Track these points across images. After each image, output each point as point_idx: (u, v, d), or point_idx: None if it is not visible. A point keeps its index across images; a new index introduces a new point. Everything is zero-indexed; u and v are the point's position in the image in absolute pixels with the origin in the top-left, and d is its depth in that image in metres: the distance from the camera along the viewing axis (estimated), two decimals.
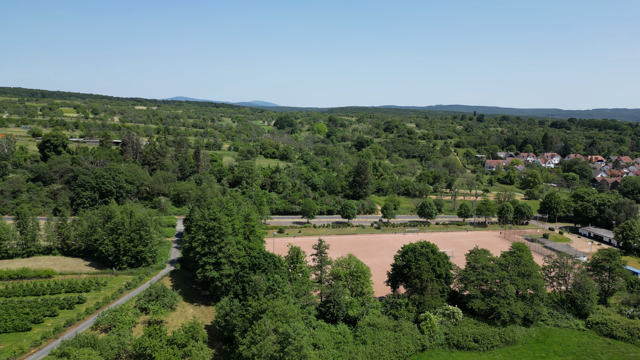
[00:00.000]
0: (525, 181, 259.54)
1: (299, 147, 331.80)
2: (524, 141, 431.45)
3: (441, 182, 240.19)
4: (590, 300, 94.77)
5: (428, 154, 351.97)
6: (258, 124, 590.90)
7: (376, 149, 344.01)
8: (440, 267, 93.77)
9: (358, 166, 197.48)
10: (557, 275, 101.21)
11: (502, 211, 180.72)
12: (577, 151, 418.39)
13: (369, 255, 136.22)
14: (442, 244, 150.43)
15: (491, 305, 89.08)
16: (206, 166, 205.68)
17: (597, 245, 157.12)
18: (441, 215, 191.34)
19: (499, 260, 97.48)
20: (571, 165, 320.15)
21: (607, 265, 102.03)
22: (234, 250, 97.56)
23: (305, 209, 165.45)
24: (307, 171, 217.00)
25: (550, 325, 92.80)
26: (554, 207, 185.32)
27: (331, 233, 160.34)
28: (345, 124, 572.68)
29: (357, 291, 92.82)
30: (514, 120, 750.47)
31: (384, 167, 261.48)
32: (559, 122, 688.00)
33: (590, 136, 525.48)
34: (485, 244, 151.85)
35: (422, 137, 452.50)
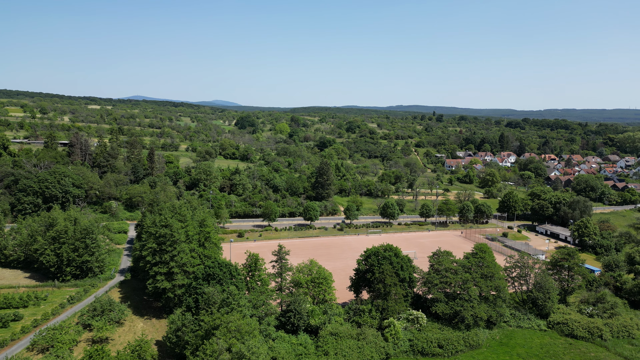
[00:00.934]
0: (484, 180, 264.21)
1: (260, 148, 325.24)
2: (481, 141, 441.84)
3: (403, 182, 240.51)
4: (551, 300, 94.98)
5: (390, 153, 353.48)
6: (218, 124, 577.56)
7: (339, 149, 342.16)
8: (404, 270, 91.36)
9: (320, 167, 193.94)
10: (519, 275, 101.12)
11: (462, 210, 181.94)
12: (532, 150, 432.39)
13: (331, 258, 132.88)
14: (405, 244, 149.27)
15: (455, 309, 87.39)
16: (161, 168, 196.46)
17: (553, 243, 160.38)
18: (403, 216, 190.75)
19: (462, 262, 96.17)
20: (527, 164, 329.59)
21: (566, 264, 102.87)
22: (188, 258, 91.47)
23: (266, 212, 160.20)
24: (268, 172, 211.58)
25: (513, 327, 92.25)
26: (512, 205, 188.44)
27: (293, 236, 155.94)
28: (307, 124, 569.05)
29: (319, 298, 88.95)
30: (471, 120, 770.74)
31: (346, 167, 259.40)
32: (513, 122, 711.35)
33: (544, 135, 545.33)
34: (447, 244, 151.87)
35: (383, 137, 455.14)
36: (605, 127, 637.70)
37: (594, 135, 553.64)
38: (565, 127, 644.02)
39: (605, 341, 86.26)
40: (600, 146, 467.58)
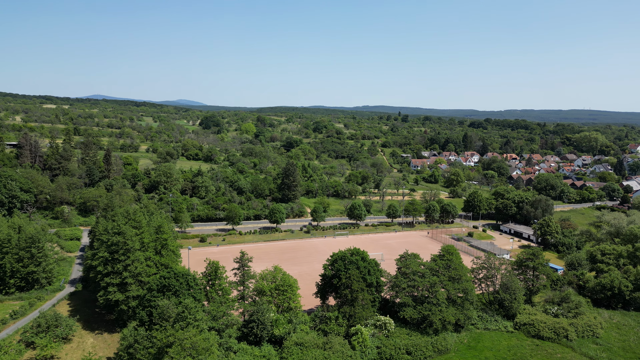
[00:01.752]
0: (448, 180, 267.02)
1: (225, 148, 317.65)
2: (445, 141, 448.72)
3: (369, 183, 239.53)
4: (517, 300, 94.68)
5: (356, 154, 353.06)
6: (182, 124, 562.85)
7: (305, 149, 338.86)
8: (371, 275, 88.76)
9: (287, 168, 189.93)
10: (486, 276, 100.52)
11: (428, 210, 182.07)
12: (494, 150, 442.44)
13: (298, 262, 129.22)
14: (372, 246, 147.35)
15: (423, 314, 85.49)
16: (118, 170, 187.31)
17: (517, 242, 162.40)
18: (370, 216, 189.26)
19: (429, 265, 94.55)
20: (490, 164, 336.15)
21: (531, 264, 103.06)
22: (143, 268, 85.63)
23: (230, 215, 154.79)
24: (232, 174, 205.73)
25: (481, 329, 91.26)
26: (477, 205, 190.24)
27: (258, 240, 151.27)
28: (274, 124, 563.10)
29: (283, 307, 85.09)
30: (436, 121, 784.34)
31: (313, 168, 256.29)
32: (476, 122, 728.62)
33: (505, 135, 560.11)
34: (414, 245, 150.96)
35: (350, 137, 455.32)
36: (562, 127, 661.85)
37: (552, 135, 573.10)
38: (525, 127, 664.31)
39: (570, 341, 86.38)
40: (558, 146, 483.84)
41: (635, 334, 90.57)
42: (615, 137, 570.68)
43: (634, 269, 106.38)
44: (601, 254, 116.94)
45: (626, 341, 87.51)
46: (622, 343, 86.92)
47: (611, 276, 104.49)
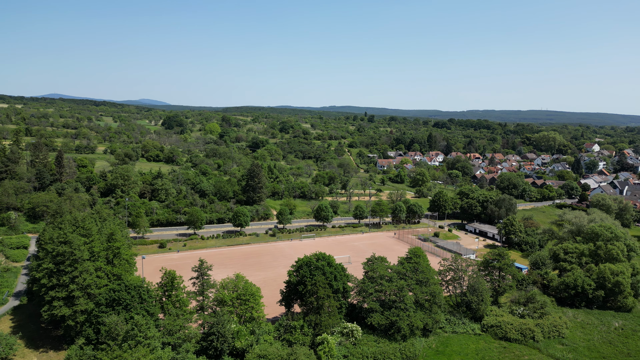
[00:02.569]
0: (414, 180, 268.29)
1: (187, 149, 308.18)
2: (411, 141, 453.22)
3: (336, 183, 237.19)
4: (484, 302, 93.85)
5: (323, 154, 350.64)
6: (143, 124, 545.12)
7: (272, 149, 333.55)
8: (337, 280, 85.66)
9: (251, 169, 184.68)
10: (453, 278, 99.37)
11: (395, 211, 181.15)
12: (458, 149, 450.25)
13: (262, 267, 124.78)
14: (339, 249, 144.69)
15: (391, 319, 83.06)
16: (72, 173, 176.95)
17: (482, 241, 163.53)
18: (337, 218, 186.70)
19: (396, 268, 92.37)
20: (454, 163, 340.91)
21: (497, 265, 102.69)
22: (93, 279, 79.32)
23: (191, 219, 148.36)
24: (195, 176, 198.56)
25: (449, 333, 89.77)
26: (443, 205, 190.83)
27: (221, 244, 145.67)
28: (239, 124, 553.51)
29: (245, 317, 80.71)
30: (401, 121, 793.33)
31: (279, 169, 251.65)
32: (440, 123, 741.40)
33: (468, 135, 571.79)
34: (381, 247, 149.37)
35: (317, 137, 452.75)
36: (522, 127, 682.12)
37: (513, 134, 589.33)
38: (487, 127, 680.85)
39: (537, 342, 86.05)
40: (519, 145, 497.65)
41: (599, 332, 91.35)
42: (572, 137, 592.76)
43: (596, 267, 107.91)
44: (564, 253, 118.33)
45: (591, 340, 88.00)
46: (587, 342, 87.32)
47: (574, 275, 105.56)
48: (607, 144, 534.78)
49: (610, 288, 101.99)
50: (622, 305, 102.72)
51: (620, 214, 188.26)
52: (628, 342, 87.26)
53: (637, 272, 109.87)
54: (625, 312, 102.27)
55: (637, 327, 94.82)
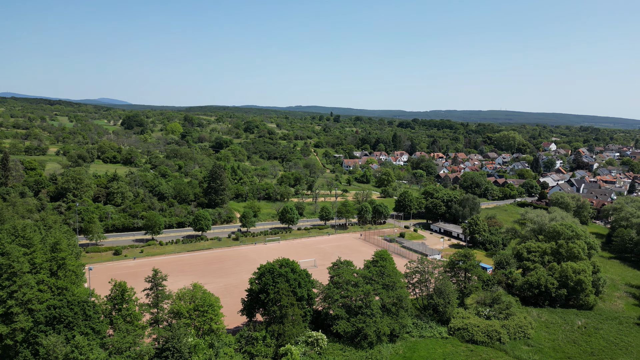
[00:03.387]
0: (380, 180, 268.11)
1: (147, 150, 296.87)
2: (376, 140, 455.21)
3: (302, 184, 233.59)
4: (451, 304, 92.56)
5: (289, 154, 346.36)
6: (101, 124, 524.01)
7: (236, 150, 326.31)
8: (302, 287, 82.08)
9: (213, 170, 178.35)
10: (419, 281, 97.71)
11: (361, 212, 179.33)
12: (422, 149, 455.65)
13: (225, 274, 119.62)
14: (305, 252, 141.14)
15: (357, 326, 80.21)
16: (19, 176, 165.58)
17: (447, 241, 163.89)
18: (303, 219, 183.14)
19: (363, 272, 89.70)
20: (418, 163, 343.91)
21: (463, 266, 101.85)
22: (34, 293, 72.42)
23: (149, 224, 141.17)
24: (153, 178, 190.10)
25: (416, 337, 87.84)
26: (408, 204, 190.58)
27: (181, 250, 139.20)
28: (203, 124, 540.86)
29: (204, 329, 75.83)
30: (366, 121, 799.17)
31: (243, 170, 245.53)
32: (404, 123, 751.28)
33: (432, 135, 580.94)
34: (347, 248, 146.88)
35: (283, 137, 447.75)
36: (483, 127, 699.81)
37: (475, 134, 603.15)
38: (450, 127, 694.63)
39: (503, 344, 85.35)
40: (481, 144, 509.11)
41: (563, 332, 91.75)
42: (530, 136, 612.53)
43: (558, 266, 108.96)
44: (527, 252, 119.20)
45: (555, 340, 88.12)
46: (551, 343, 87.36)
47: (537, 274, 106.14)
48: (563, 143, 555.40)
49: (573, 286, 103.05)
50: (584, 304, 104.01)
51: (578, 211, 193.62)
52: (591, 341, 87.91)
53: (598, 269, 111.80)
54: (587, 310, 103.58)
55: (599, 325, 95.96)
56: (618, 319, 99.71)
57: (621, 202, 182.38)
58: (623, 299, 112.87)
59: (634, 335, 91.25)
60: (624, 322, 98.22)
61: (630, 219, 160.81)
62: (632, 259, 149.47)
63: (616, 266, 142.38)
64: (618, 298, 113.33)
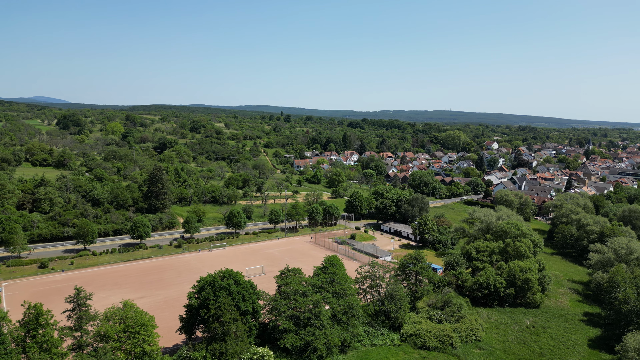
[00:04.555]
0: (330, 180, 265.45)
1: (82, 152, 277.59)
2: (327, 140, 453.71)
3: (251, 186, 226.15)
4: (402, 310, 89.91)
5: (238, 155, 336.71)
6: (34, 124, 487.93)
7: (180, 151, 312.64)
8: (246, 300, 76.17)
9: (153, 173, 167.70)
10: (370, 286, 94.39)
11: (311, 213, 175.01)
12: (372, 149, 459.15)
13: (164, 285, 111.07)
14: (252, 258, 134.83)
15: (306, 339, 75.37)
16: None
17: (398, 241, 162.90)
18: (252, 223, 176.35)
19: (312, 281, 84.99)
20: (368, 163, 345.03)
21: (414, 268, 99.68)
22: None
23: (80, 232, 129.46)
24: (87, 182, 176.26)
25: (367, 346, 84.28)
26: (358, 205, 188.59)
27: (117, 260, 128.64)
28: (146, 124, 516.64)
29: (135, 352, 68.10)
30: (317, 121, 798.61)
31: (188, 171, 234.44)
32: (354, 123, 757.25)
33: (381, 135, 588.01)
34: (297, 252, 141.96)
35: (231, 137, 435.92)
36: (429, 127, 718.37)
37: (422, 134, 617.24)
38: (398, 127, 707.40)
39: (455, 349, 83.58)
40: (428, 144, 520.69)
41: (513, 332, 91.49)
42: (474, 135, 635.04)
43: (506, 265, 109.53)
44: (476, 252, 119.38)
45: (506, 342, 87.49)
46: (502, 344, 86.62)
47: (487, 274, 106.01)
48: (504, 141, 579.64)
49: (520, 285, 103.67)
50: (531, 302, 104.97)
51: (522, 208, 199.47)
52: (540, 341, 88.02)
53: (543, 267, 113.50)
54: (534, 309, 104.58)
55: (547, 323, 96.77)
56: (564, 316, 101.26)
57: (561, 199, 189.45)
58: (567, 295, 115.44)
59: (579, 333, 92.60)
60: (570, 319, 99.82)
61: (570, 215, 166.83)
62: (573, 254, 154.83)
63: (559, 262, 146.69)
64: (562, 294, 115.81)
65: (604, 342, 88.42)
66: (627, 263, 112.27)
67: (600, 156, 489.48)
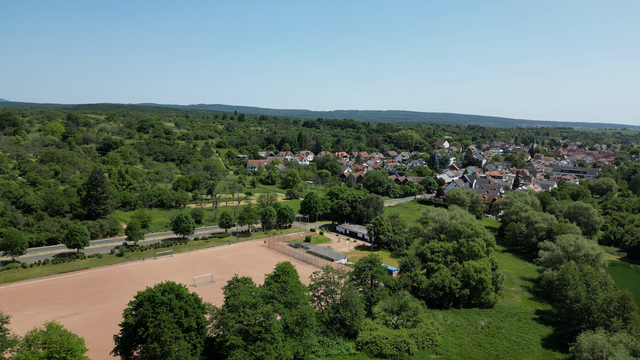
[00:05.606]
0: (285, 180, 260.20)
1: (16, 154, 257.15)
2: (282, 140, 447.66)
3: (201, 188, 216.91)
4: (358, 316, 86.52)
5: (188, 156, 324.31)
6: None
7: (126, 152, 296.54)
8: (190, 316, 69.99)
9: (93, 176, 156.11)
10: (325, 292, 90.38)
11: (265, 216, 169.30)
12: (327, 149, 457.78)
13: (102, 299, 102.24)
14: (201, 265, 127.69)
15: (256, 355, 70.10)
16: None
17: (353, 243, 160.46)
18: (202, 228, 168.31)
19: (263, 291, 79.81)
20: (324, 162, 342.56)
21: (369, 272, 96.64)
22: None
23: (8, 242, 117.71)
24: (18, 187, 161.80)
25: (322, 357, 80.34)
26: (314, 206, 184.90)
27: (50, 272, 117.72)
28: (90, 123, 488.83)
29: None
30: (272, 120, 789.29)
31: (133, 174, 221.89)
32: (309, 122, 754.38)
33: (336, 134, 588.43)
34: (249, 258, 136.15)
35: (181, 137, 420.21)
36: (383, 126, 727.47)
37: (376, 133, 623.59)
38: (353, 127, 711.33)
39: (412, 355, 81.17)
40: (382, 143, 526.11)
41: (468, 334, 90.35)
42: (426, 135, 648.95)
43: (460, 265, 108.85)
44: (431, 252, 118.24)
45: (462, 345, 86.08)
46: (458, 348, 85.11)
47: (442, 275, 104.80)
48: (455, 140, 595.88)
49: (475, 286, 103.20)
50: (486, 302, 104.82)
51: (473, 206, 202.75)
52: (495, 342, 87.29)
53: (496, 266, 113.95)
54: (489, 309, 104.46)
55: (500, 323, 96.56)
56: (517, 315, 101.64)
57: (510, 197, 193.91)
58: (519, 294, 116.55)
59: (532, 332, 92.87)
60: (523, 318, 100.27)
61: (519, 213, 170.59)
62: (522, 251, 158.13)
63: (510, 259, 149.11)
64: (515, 293, 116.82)
65: (557, 340, 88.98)
66: (576, 260, 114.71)
67: (544, 154, 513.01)
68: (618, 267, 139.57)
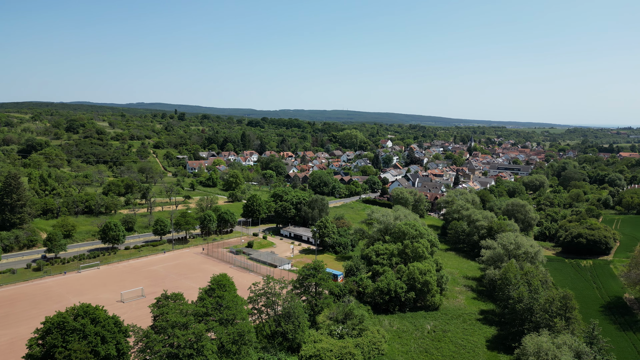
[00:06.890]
0: (227, 182, 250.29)
1: None
2: (224, 140, 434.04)
3: (135, 192, 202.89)
4: (301, 328, 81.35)
5: (122, 157, 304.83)
6: None
7: (52, 154, 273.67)
8: (108, 342, 61.59)
9: (6, 181, 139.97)
10: (266, 304, 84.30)
11: (204, 221, 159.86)
12: (272, 148, 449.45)
13: (12, 322, 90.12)
14: (132, 278, 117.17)
15: None
16: None
17: (298, 246, 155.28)
18: (134, 235, 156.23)
19: (195, 309, 72.40)
20: (268, 163, 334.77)
21: (313, 280, 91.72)
22: None
23: None
24: None
25: None
26: (257, 209, 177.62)
27: None
28: (13, 123, 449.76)
29: None
30: (214, 119, 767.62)
31: (58, 178, 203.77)
32: (254, 121, 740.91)
33: (281, 134, 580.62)
34: (186, 267, 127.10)
35: (115, 137, 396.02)
36: (328, 126, 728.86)
37: (321, 133, 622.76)
38: (298, 126, 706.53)
39: None
40: (327, 143, 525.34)
41: (415, 340, 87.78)
42: (370, 134, 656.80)
43: (405, 267, 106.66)
44: (376, 255, 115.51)
45: (408, 352, 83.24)
46: (405, 355, 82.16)
47: (387, 279, 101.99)
48: (397, 140, 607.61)
49: (420, 288, 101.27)
50: (431, 304, 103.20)
51: (416, 205, 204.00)
52: (442, 347, 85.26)
53: (440, 267, 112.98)
54: (434, 311, 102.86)
55: (446, 326, 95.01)
56: (462, 316, 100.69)
57: (452, 195, 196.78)
58: (463, 294, 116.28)
59: (477, 334, 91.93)
60: (467, 319, 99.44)
61: (461, 211, 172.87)
62: (465, 249, 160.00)
63: (453, 258, 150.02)
64: (459, 293, 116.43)
65: (502, 342, 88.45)
66: (517, 258, 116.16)
67: (481, 152, 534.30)
68: (554, 262, 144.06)
